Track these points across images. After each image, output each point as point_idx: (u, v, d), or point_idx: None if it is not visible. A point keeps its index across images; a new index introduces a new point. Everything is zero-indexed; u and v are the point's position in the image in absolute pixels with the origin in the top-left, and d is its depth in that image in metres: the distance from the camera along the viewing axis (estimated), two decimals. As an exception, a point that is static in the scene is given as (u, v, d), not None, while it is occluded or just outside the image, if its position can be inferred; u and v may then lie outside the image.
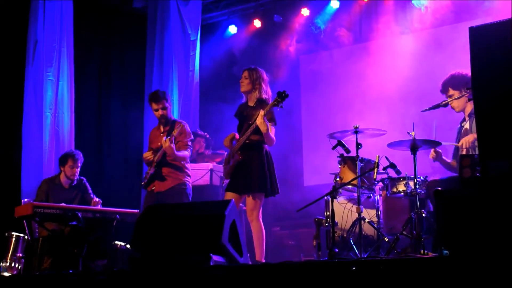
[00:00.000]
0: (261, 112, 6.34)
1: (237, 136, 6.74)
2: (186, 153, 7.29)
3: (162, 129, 7.44)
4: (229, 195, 6.53)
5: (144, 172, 7.62)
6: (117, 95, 10.46)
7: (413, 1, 9.15)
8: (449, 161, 6.43)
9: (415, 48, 9.06)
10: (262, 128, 6.34)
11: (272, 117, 6.50)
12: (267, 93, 6.66)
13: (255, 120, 6.39)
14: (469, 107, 6.22)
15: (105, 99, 10.36)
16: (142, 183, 7.41)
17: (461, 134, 6.29)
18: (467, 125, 6.22)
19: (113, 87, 10.47)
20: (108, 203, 7.94)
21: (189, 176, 7.38)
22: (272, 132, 6.48)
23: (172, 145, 7.01)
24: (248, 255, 7.45)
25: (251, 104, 6.71)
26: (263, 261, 6.39)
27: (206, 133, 9.50)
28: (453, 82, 6.34)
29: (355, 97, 9.41)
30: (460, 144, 6.10)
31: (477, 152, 5.74)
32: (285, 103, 6.41)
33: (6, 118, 8.77)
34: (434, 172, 6.89)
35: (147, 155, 7.34)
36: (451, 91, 6.34)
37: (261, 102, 6.58)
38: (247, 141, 6.51)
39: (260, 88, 6.66)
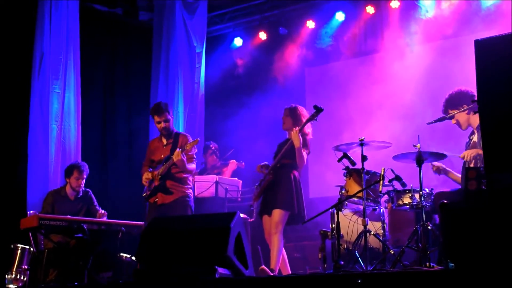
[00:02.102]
0: (296, 128, 6.73)
1: None
2: (193, 166, 7.40)
3: (165, 141, 7.46)
4: (265, 218, 6.89)
5: (146, 184, 7.62)
6: (122, 107, 10.49)
7: (421, 11, 9.17)
8: (458, 175, 6.43)
9: (421, 60, 9.04)
10: (296, 143, 6.69)
11: (306, 144, 6.87)
12: (308, 127, 6.99)
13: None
14: (476, 120, 6.21)
15: (110, 111, 10.40)
16: (144, 194, 7.41)
17: (469, 147, 6.28)
18: (475, 138, 6.21)
19: (118, 100, 10.50)
20: (113, 215, 7.94)
21: (191, 188, 7.45)
22: (304, 154, 6.84)
23: (184, 158, 7.06)
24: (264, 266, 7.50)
25: (288, 137, 7.03)
26: (276, 271, 6.58)
27: (211, 145, 9.54)
28: (450, 102, 6.41)
29: (361, 110, 9.40)
30: (462, 156, 6.10)
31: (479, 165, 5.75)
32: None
33: (12, 130, 8.78)
34: (439, 185, 6.88)
35: (148, 176, 7.35)
36: (450, 111, 6.39)
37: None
38: (278, 165, 6.87)
39: (302, 124, 6.91)
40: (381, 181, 6.52)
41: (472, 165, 5.94)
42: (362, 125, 8.82)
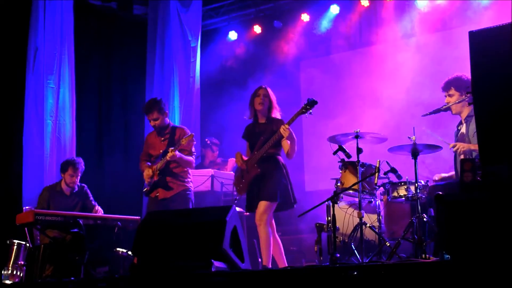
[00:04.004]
0: (286, 125, 6.47)
1: (244, 157, 6.82)
2: (191, 158, 7.34)
3: (161, 137, 7.44)
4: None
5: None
6: (117, 102, 10.47)
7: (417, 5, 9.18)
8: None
9: (416, 52, 9.04)
10: (290, 138, 6.49)
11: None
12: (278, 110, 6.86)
13: (274, 133, 6.54)
14: (466, 111, 6.22)
15: (105, 106, 10.37)
16: (144, 189, 7.41)
17: (457, 137, 6.30)
18: (463, 129, 6.22)
19: (113, 94, 10.48)
20: (109, 210, 7.93)
21: (191, 182, 7.43)
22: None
23: (178, 155, 7.04)
24: (260, 260, 7.49)
25: (262, 121, 6.84)
26: (269, 266, 6.43)
27: (210, 140, 9.55)
28: (457, 83, 6.30)
29: (356, 102, 9.40)
30: (452, 145, 6.10)
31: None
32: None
33: (7, 125, 8.77)
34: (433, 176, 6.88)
35: (148, 173, 7.34)
36: (453, 91, 6.31)
37: (271, 119, 6.75)
38: (264, 154, 6.62)
39: (275, 107, 6.83)
40: (377, 173, 6.53)
41: (462, 157, 5.93)
42: (357, 117, 8.81)
